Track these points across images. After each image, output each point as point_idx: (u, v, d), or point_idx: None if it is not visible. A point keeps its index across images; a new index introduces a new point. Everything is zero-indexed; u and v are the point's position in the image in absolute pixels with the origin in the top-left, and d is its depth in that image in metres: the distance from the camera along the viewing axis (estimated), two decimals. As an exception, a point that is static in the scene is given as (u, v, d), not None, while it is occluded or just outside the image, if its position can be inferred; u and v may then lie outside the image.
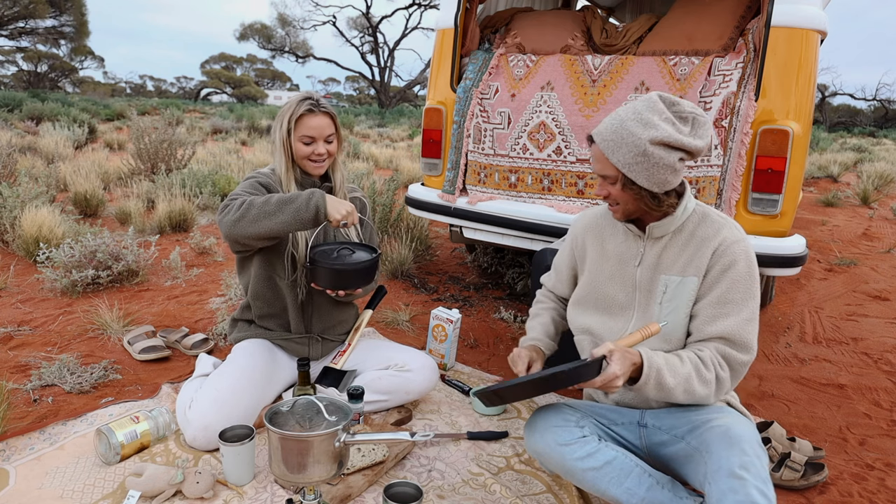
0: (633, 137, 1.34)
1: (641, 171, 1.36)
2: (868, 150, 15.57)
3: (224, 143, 11.25)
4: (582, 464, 1.41)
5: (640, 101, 1.38)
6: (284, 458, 1.33)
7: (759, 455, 1.26)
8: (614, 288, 1.55)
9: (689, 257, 1.45)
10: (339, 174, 2.01)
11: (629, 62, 2.66)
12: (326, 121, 1.88)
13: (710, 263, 1.43)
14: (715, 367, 1.37)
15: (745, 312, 1.39)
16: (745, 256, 1.42)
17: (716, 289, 1.41)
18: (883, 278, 4.13)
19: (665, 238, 1.49)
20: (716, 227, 1.45)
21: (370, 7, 31.28)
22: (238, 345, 2.00)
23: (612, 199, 1.46)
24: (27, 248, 3.56)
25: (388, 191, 4.30)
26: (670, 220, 1.47)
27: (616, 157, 1.37)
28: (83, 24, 30.96)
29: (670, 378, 1.32)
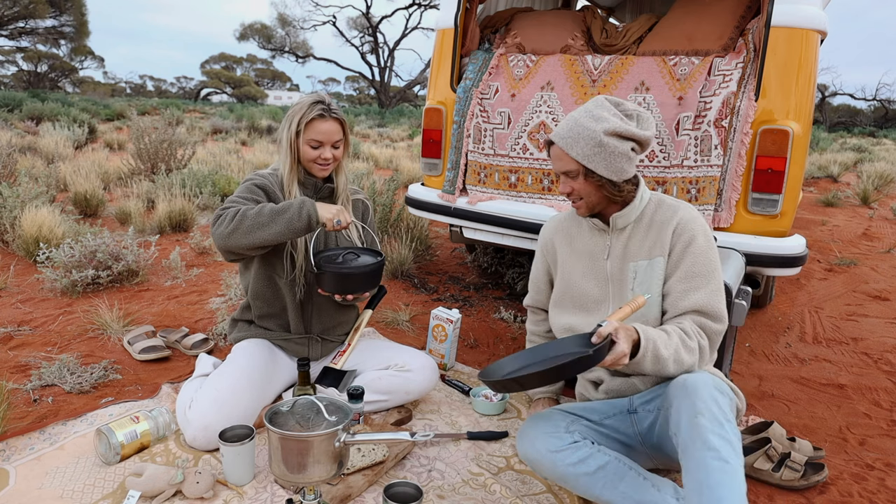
0: (589, 131, 1.47)
1: (600, 160, 1.48)
2: (868, 150, 15.57)
3: (224, 143, 11.25)
4: (574, 469, 1.43)
5: (589, 103, 1.53)
6: (284, 458, 1.33)
7: (716, 398, 1.31)
8: (588, 284, 1.64)
9: (653, 240, 1.56)
10: (342, 177, 2.00)
11: (629, 62, 2.66)
12: (336, 127, 1.87)
13: (672, 242, 1.54)
14: (697, 336, 1.45)
15: (713, 284, 1.50)
16: (702, 231, 1.53)
17: (681, 265, 1.52)
18: (883, 278, 4.13)
19: (628, 228, 1.60)
20: (672, 210, 1.57)
21: (370, 7, 31.29)
22: (238, 345, 2.00)
23: (575, 194, 1.56)
24: (27, 248, 3.56)
25: (388, 191, 4.30)
26: (631, 209, 1.58)
27: (575, 150, 1.49)
28: (83, 24, 30.96)
29: (664, 350, 1.38)
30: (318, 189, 1.97)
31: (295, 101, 2.03)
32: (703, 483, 1.21)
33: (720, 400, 1.31)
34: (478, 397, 2.12)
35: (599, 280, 1.62)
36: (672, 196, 2.50)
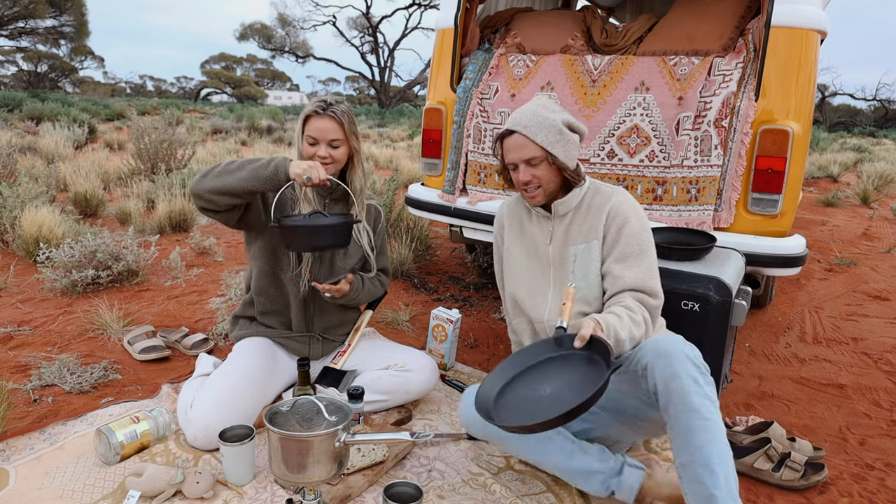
0: (550, 120, 1.59)
1: (561, 147, 1.60)
2: (868, 150, 15.56)
3: (224, 143, 11.25)
4: (500, 432, 1.53)
5: (535, 101, 1.65)
6: (284, 458, 1.33)
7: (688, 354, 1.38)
8: (532, 266, 1.74)
9: (590, 225, 1.65)
10: (357, 178, 1.98)
11: (629, 62, 2.66)
12: (332, 125, 1.85)
13: (607, 225, 1.63)
14: (640, 309, 1.53)
15: (646, 262, 1.59)
16: (634, 214, 1.63)
17: (617, 247, 1.61)
18: (883, 278, 4.13)
19: (569, 214, 1.69)
20: (607, 196, 1.67)
21: (370, 7, 31.29)
22: (238, 344, 2.00)
23: (535, 181, 1.63)
24: (27, 248, 3.56)
25: (388, 191, 4.30)
26: (571, 196, 1.67)
27: (540, 137, 1.58)
28: (83, 24, 30.95)
29: (622, 332, 1.45)
30: (332, 190, 1.97)
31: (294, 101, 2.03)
32: (691, 444, 1.33)
33: (691, 355, 1.39)
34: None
35: (542, 263, 1.72)
36: (672, 195, 2.52)
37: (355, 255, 2.03)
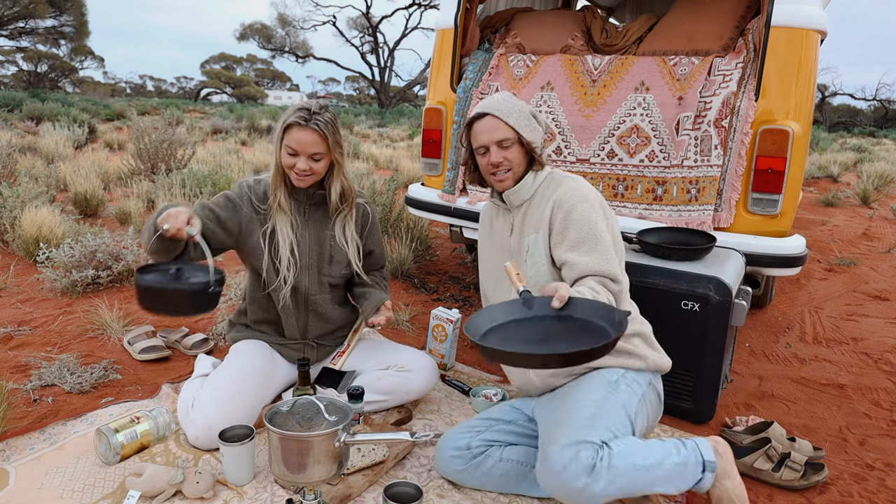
0: (520, 106, 1.66)
1: (530, 130, 1.65)
2: (868, 150, 15.56)
3: (224, 143, 11.25)
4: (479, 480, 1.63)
5: (501, 94, 1.69)
6: (284, 458, 1.33)
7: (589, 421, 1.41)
8: (497, 259, 1.78)
9: (539, 215, 1.66)
10: (335, 187, 1.87)
11: (629, 62, 2.66)
12: (314, 138, 1.74)
13: (552, 217, 1.62)
14: (604, 291, 1.49)
15: (600, 246, 1.55)
16: (581, 199, 1.60)
17: (566, 235, 1.58)
18: (883, 278, 4.13)
19: (524, 205, 1.71)
20: (555, 185, 1.68)
21: (370, 7, 31.29)
22: (236, 345, 2.00)
23: (506, 163, 1.65)
24: (27, 248, 3.56)
25: (388, 191, 4.30)
26: (521, 186, 1.69)
27: (512, 119, 1.63)
28: (83, 24, 30.95)
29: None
30: (310, 196, 1.90)
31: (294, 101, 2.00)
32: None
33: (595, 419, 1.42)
34: (478, 397, 2.12)
35: (504, 255, 1.76)
36: (671, 195, 2.52)
37: (342, 262, 1.96)
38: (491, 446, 1.64)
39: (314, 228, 1.93)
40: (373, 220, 2.06)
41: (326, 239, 1.94)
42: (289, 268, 1.88)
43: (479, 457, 1.62)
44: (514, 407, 1.75)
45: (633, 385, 1.57)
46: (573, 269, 1.55)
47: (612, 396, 1.51)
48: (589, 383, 1.56)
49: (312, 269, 1.94)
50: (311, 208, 1.93)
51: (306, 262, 1.93)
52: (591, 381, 1.57)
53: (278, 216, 1.87)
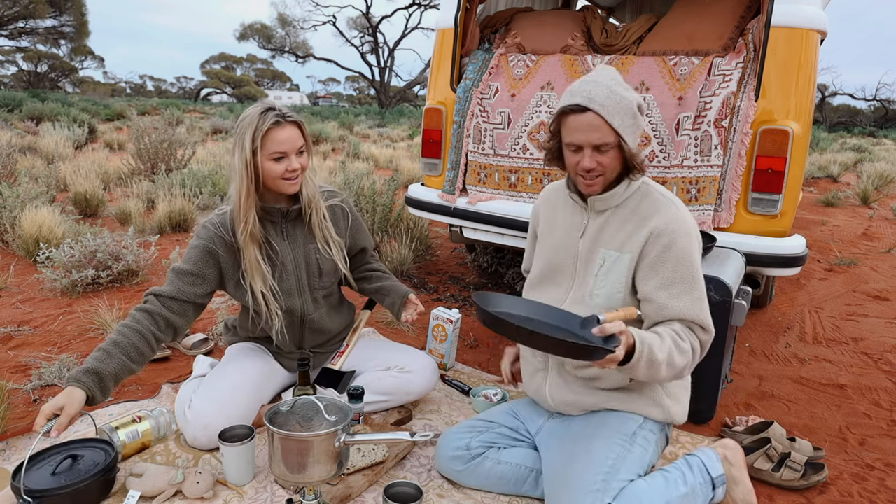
0: (627, 101, 1.38)
1: (631, 132, 1.42)
2: (868, 150, 15.56)
3: (224, 143, 11.25)
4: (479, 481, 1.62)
5: (605, 71, 1.42)
6: (284, 458, 1.33)
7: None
8: (559, 256, 1.60)
9: (628, 234, 1.48)
10: (307, 189, 1.78)
11: (629, 62, 2.66)
12: (296, 132, 1.67)
13: (648, 244, 1.44)
14: (689, 338, 1.40)
15: (696, 292, 1.42)
16: (684, 234, 1.43)
17: (661, 271, 1.42)
18: (883, 278, 4.13)
19: (607, 212, 1.52)
20: (654, 208, 1.47)
21: (370, 7, 31.29)
22: (232, 345, 2.00)
23: (600, 169, 1.44)
24: (27, 248, 3.56)
25: (388, 191, 4.30)
26: (612, 194, 1.50)
27: (616, 120, 1.38)
28: (83, 24, 30.96)
29: (659, 353, 1.33)
30: (285, 214, 1.78)
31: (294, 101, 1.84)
32: None
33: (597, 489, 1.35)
34: (478, 397, 2.12)
35: (569, 256, 1.57)
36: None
37: (331, 270, 1.90)
38: (490, 447, 1.64)
39: (298, 246, 1.83)
40: (353, 216, 1.97)
41: (311, 252, 1.85)
42: (277, 302, 1.80)
43: (477, 458, 1.62)
44: (516, 415, 1.71)
45: (649, 436, 1.52)
46: (661, 311, 1.41)
47: (627, 455, 1.44)
48: (605, 432, 1.48)
49: (304, 288, 1.86)
50: (289, 225, 1.82)
51: (295, 283, 1.84)
52: (607, 430, 1.48)
53: (248, 249, 1.71)
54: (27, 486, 1.44)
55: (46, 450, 1.59)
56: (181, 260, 1.74)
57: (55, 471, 1.51)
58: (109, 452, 1.59)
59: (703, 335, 1.42)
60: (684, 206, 1.49)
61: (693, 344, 1.39)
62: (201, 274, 1.73)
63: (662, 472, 1.46)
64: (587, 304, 1.50)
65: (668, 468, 1.48)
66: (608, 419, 1.51)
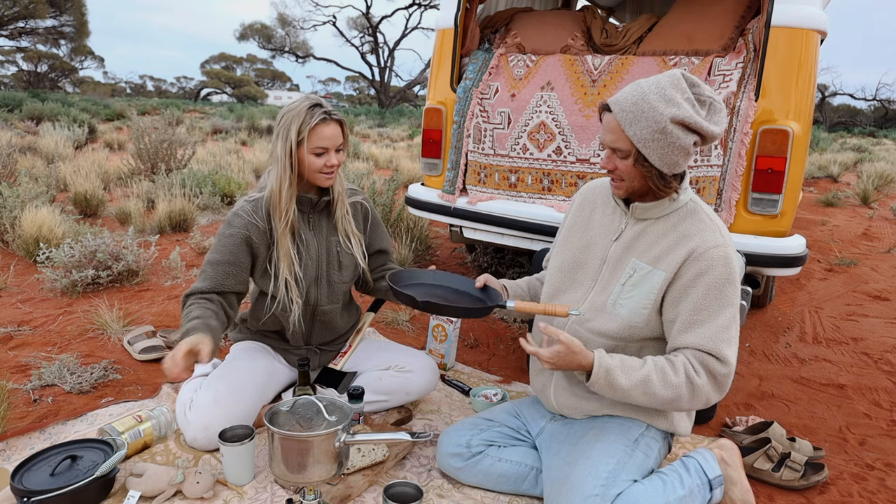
0: (655, 113, 1.29)
1: (656, 148, 1.32)
2: (868, 150, 15.56)
3: (224, 143, 11.25)
4: (479, 479, 1.63)
5: (663, 76, 1.33)
6: (284, 458, 1.33)
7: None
8: (586, 255, 1.56)
9: (664, 250, 1.42)
10: (338, 184, 1.85)
11: (629, 62, 2.66)
12: (338, 129, 1.74)
13: (685, 266, 1.39)
14: (687, 372, 1.34)
15: (720, 321, 1.35)
16: (722, 262, 1.37)
17: (691, 294, 1.37)
18: (883, 278, 4.13)
19: (647, 222, 1.47)
20: (698, 228, 1.41)
21: (370, 7, 31.29)
22: (237, 345, 2.00)
23: (618, 173, 1.41)
24: (27, 248, 3.56)
25: (388, 191, 4.30)
26: (657, 206, 1.44)
27: (633, 129, 1.32)
28: (83, 24, 30.97)
29: (623, 379, 1.34)
30: (314, 204, 1.84)
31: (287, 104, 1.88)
32: None
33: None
34: (478, 397, 2.12)
35: (598, 257, 1.53)
36: None
37: (350, 266, 1.93)
38: (490, 446, 1.64)
39: (322, 237, 1.88)
40: (374, 216, 2.02)
41: (333, 245, 1.89)
42: (298, 290, 1.82)
43: (477, 455, 1.62)
44: (518, 415, 1.71)
45: (652, 443, 1.51)
46: (677, 337, 1.38)
47: (628, 461, 1.43)
48: (608, 437, 1.47)
49: (322, 279, 1.89)
50: (316, 217, 1.88)
51: (314, 274, 1.87)
52: (610, 435, 1.47)
53: (284, 238, 1.77)
54: (26, 486, 1.45)
55: (46, 450, 1.59)
56: (212, 250, 1.77)
57: (54, 471, 1.51)
58: (109, 452, 1.59)
59: (717, 367, 1.34)
60: (727, 231, 1.43)
61: (694, 379, 1.33)
62: (237, 262, 1.76)
63: (660, 475, 1.46)
64: (610, 313, 1.46)
65: (665, 470, 1.48)
66: (611, 423, 1.51)
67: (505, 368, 2.50)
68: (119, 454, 1.56)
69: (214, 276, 1.73)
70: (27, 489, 1.43)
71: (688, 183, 1.46)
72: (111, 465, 1.52)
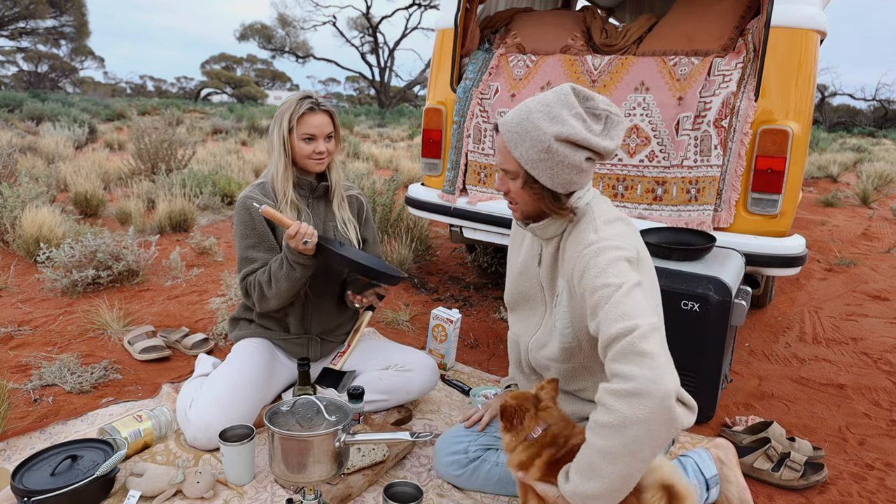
0: (538, 132, 1.24)
1: (544, 168, 1.26)
2: (868, 150, 15.56)
3: (224, 143, 11.26)
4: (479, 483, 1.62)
5: (551, 93, 1.27)
6: (284, 457, 1.34)
7: None
8: (525, 283, 1.53)
9: (567, 265, 1.37)
10: (335, 173, 2.01)
11: (629, 62, 2.66)
12: (326, 119, 1.89)
13: (574, 274, 1.31)
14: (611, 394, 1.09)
15: (612, 301, 1.17)
16: (594, 253, 1.25)
17: (586, 298, 1.25)
18: (883, 278, 4.13)
19: (554, 241, 1.41)
20: (577, 233, 1.34)
21: (370, 7, 31.30)
22: (238, 344, 2.00)
23: (511, 196, 1.36)
24: (27, 248, 3.56)
25: (388, 191, 4.30)
26: (546, 225, 1.37)
27: (518, 151, 1.27)
28: (83, 24, 31.00)
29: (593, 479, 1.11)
30: (313, 189, 1.98)
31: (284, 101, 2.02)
32: None
33: None
34: (477, 397, 2.12)
35: (534, 283, 1.51)
36: (671, 195, 2.51)
37: None
38: (488, 450, 1.63)
39: (318, 221, 1.99)
40: (367, 211, 2.15)
41: (330, 230, 2.01)
42: None
43: (475, 461, 1.62)
44: None
45: None
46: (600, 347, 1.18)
47: None
48: None
49: (320, 267, 1.94)
50: (314, 202, 2.00)
51: None
52: None
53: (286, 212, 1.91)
54: (26, 485, 1.45)
55: (46, 449, 1.60)
56: (238, 240, 1.91)
57: (54, 471, 1.51)
58: (109, 452, 1.59)
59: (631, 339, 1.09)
60: (609, 227, 1.31)
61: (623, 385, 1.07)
62: (267, 237, 1.90)
63: None
64: (553, 337, 1.43)
65: None
66: None
67: (505, 368, 2.50)
68: (119, 454, 1.56)
69: (260, 255, 1.89)
70: (27, 489, 1.43)
71: (580, 193, 1.34)
72: (111, 464, 1.52)
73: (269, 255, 1.89)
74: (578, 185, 1.31)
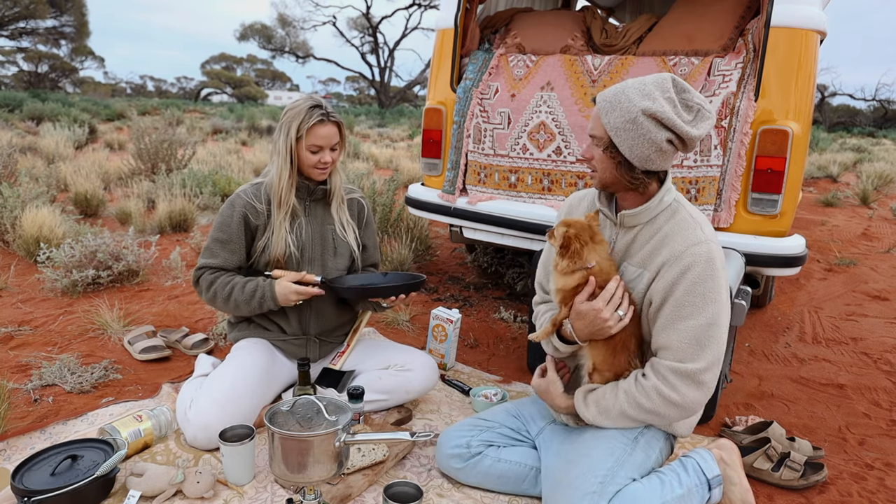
0: (629, 103, 1.34)
1: (626, 138, 1.35)
2: (867, 150, 15.56)
3: (224, 144, 11.26)
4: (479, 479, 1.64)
5: (651, 76, 1.38)
6: (284, 457, 1.34)
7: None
8: None
9: (650, 252, 1.44)
10: (336, 178, 2.00)
11: (629, 62, 2.66)
12: (335, 130, 1.88)
13: (666, 266, 1.39)
14: (661, 393, 1.38)
15: (702, 317, 1.35)
16: (704, 258, 1.36)
17: (674, 293, 1.37)
18: (882, 278, 4.13)
19: (636, 228, 1.48)
20: (679, 227, 1.42)
21: (370, 7, 31.32)
22: (237, 344, 2.00)
23: (593, 163, 1.46)
24: (28, 248, 3.56)
25: (388, 191, 4.30)
26: (643, 210, 1.45)
27: (608, 118, 1.37)
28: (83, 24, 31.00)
29: (605, 422, 1.45)
30: (311, 192, 1.97)
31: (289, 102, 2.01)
32: None
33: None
34: (477, 397, 2.12)
35: None
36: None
37: (345, 254, 2.03)
38: (490, 446, 1.64)
39: (316, 223, 1.99)
40: (368, 215, 2.14)
41: (328, 232, 2.00)
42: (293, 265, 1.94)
43: (477, 456, 1.62)
44: (518, 416, 1.71)
45: (652, 441, 1.50)
46: (655, 339, 1.41)
47: (627, 459, 1.43)
48: (608, 433, 1.47)
49: (316, 262, 1.97)
50: (312, 204, 1.99)
51: (309, 255, 1.96)
52: (610, 433, 1.47)
53: (282, 224, 1.91)
54: (26, 485, 1.45)
55: (47, 449, 1.60)
56: (212, 230, 1.93)
57: (54, 471, 1.51)
58: (109, 452, 1.59)
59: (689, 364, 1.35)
60: (712, 230, 1.43)
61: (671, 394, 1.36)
62: (239, 240, 1.92)
63: (658, 474, 1.46)
64: None
65: (664, 470, 1.48)
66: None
67: (505, 368, 2.50)
68: (119, 454, 1.56)
69: (222, 254, 1.91)
70: (28, 489, 1.43)
71: (670, 184, 1.46)
72: (111, 464, 1.52)
73: (231, 258, 1.91)
74: (655, 165, 1.39)
